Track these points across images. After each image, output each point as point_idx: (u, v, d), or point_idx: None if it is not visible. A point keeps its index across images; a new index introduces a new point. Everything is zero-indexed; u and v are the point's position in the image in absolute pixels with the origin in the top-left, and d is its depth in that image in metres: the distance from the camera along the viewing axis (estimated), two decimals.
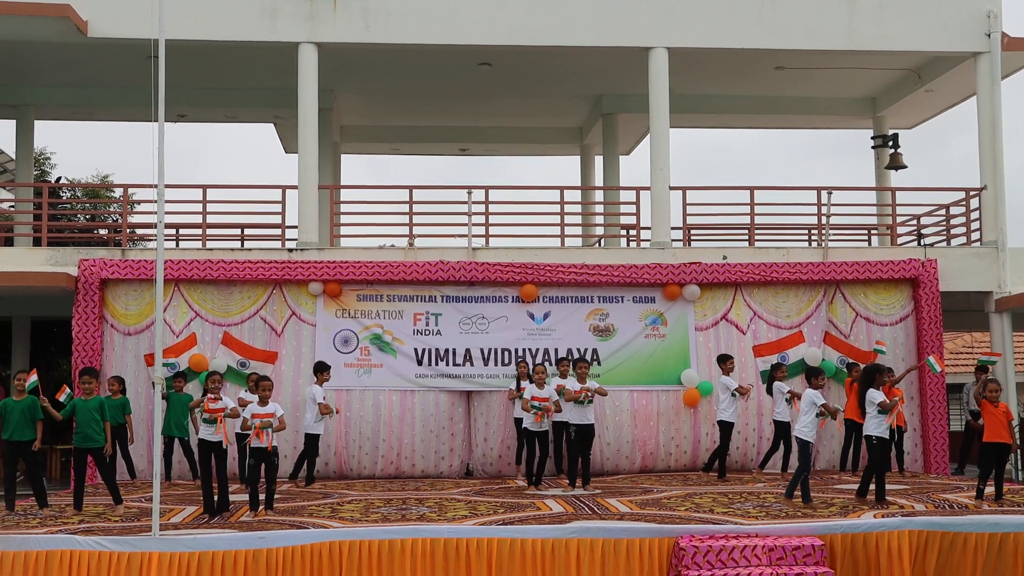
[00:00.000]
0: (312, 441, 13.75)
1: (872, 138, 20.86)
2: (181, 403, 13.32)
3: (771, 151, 56.13)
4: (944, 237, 18.43)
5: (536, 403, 12.87)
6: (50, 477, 17.26)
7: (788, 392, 13.74)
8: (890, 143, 20.06)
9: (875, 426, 11.08)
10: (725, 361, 14.38)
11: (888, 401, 11.01)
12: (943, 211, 18.36)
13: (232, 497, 11.27)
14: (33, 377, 11.45)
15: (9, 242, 18.25)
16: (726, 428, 14.01)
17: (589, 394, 12.74)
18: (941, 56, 17.48)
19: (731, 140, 57.27)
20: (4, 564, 8.82)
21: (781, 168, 54.56)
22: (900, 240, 18.56)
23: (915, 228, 18.93)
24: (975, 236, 17.19)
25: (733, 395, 13.98)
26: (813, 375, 11.68)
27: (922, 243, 17.49)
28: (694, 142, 64.97)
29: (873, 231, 19.28)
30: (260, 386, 11.13)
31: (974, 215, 17.19)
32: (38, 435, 11.41)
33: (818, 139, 59.23)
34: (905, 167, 19.87)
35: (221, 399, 10.97)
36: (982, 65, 16.73)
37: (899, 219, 18.52)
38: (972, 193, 17.13)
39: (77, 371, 14.44)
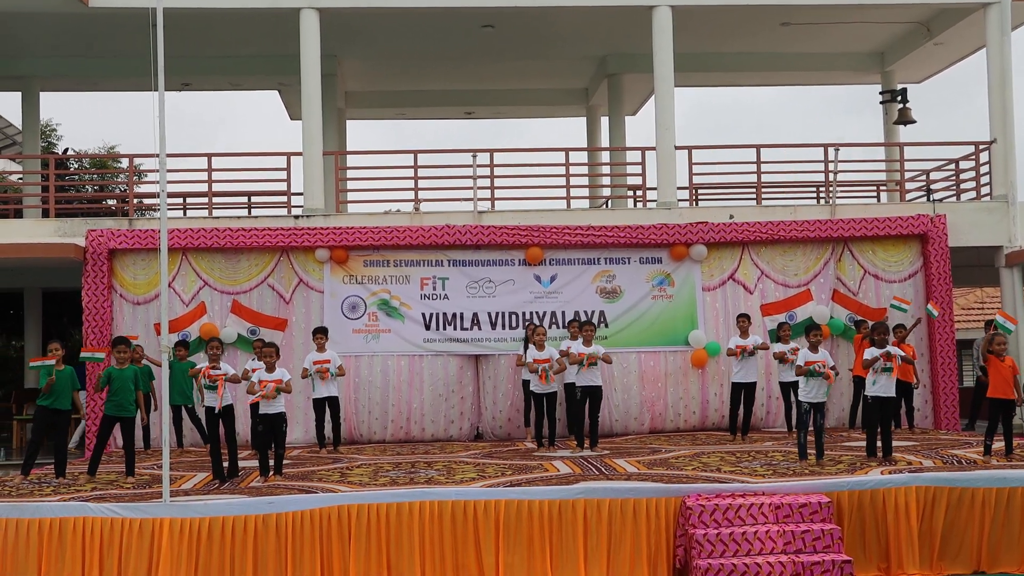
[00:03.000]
0: (315, 406, 13.75)
1: (880, 93, 20.65)
2: (182, 371, 13.40)
3: (783, 108, 55.73)
4: (953, 192, 18.26)
5: (537, 365, 13.01)
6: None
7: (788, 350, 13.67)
8: (899, 98, 19.85)
9: (868, 384, 11.07)
10: (740, 320, 14.27)
11: (868, 359, 10.93)
12: (952, 166, 18.21)
13: (241, 463, 11.36)
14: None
15: (18, 214, 18.32)
16: (736, 389, 13.95)
17: (591, 359, 12.63)
18: (950, 8, 17.27)
19: (742, 97, 56.78)
20: (19, 531, 8.93)
21: (794, 125, 54.17)
22: (909, 196, 18.43)
23: (924, 183, 18.77)
24: (985, 190, 17.04)
25: (742, 356, 13.84)
26: (810, 330, 11.45)
27: (931, 198, 17.35)
28: (702, 100, 64.58)
29: (881, 187, 19.14)
30: (263, 352, 11.13)
31: (984, 169, 17.04)
32: (79, 405, 11.73)
33: (831, 95, 58.59)
34: (914, 122, 19.68)
35: (220, 367, 10.98)
36: (992, 16, 16.51)
37: (908, 174, 18.38)
38: (981, 147, 16.96)
39: (108, 341, 14.50)
